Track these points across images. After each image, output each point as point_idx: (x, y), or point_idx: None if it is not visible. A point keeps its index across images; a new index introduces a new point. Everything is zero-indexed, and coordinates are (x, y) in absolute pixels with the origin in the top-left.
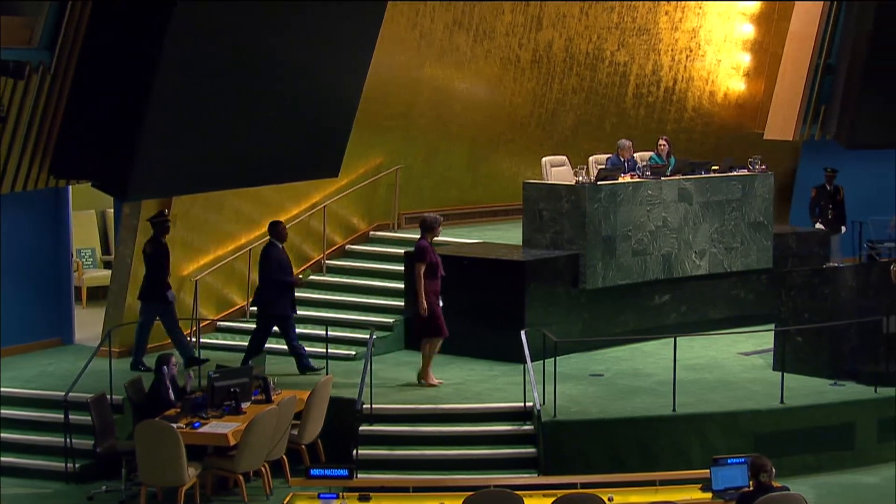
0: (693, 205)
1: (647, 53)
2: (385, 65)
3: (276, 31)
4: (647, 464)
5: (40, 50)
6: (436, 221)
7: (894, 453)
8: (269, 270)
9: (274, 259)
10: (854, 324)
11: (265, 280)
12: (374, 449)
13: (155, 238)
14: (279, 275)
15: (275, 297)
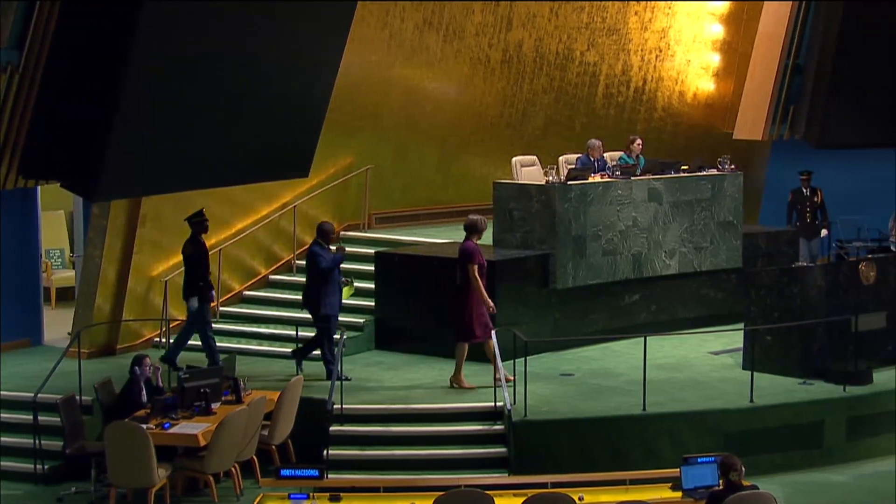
0: (663, 204)
1: (617, 53)
2: (355, 65)
3: (246, 31)
4: (618, 463)
5: (9, 49)
6: (481, 222)
7: (863, 452)
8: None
9: (322, 259)
10: (823, 323)
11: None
12: (345, 449)
13: (194, 237)
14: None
15: (324, 298)
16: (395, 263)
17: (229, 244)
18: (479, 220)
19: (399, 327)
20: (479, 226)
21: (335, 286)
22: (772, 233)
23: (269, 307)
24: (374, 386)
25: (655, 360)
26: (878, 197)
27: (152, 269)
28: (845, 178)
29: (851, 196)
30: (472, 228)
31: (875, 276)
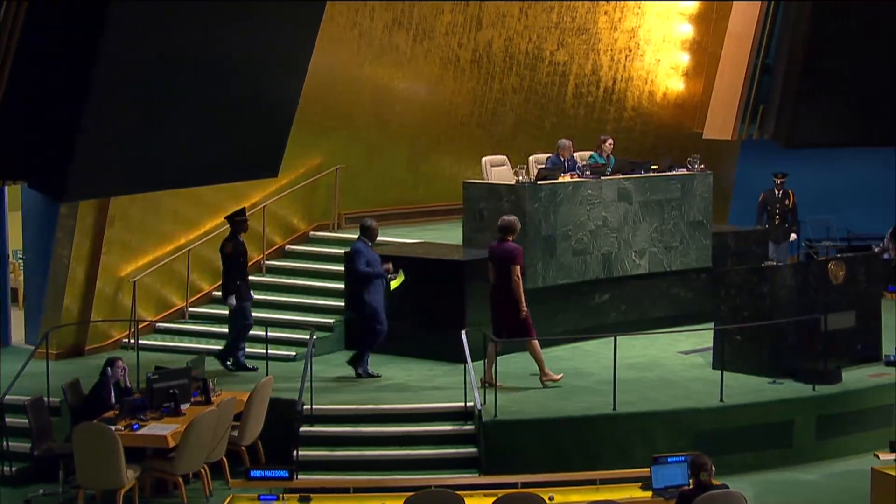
0: (633, 204)
1: (587, 53)
2: (324, 64)
3: (215, 30)
4: (589, 463)
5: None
6: (517, 222)
7: (833, 451)
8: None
9: (364, 257)
10: (793, 322)
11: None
12: (315, 450)
13: (233, 236)
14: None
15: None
16: None
17: (198, 244)
18: (515, 221)
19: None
20: (516, 226)
21: (378, 283)
22: (741, 232)
23: None
24: (344, 386)
25: (626, 360)
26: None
27: (121, 269)
28: (815, 177)
29: (821, 196)
30: (509, 229)
31: (844, 275)
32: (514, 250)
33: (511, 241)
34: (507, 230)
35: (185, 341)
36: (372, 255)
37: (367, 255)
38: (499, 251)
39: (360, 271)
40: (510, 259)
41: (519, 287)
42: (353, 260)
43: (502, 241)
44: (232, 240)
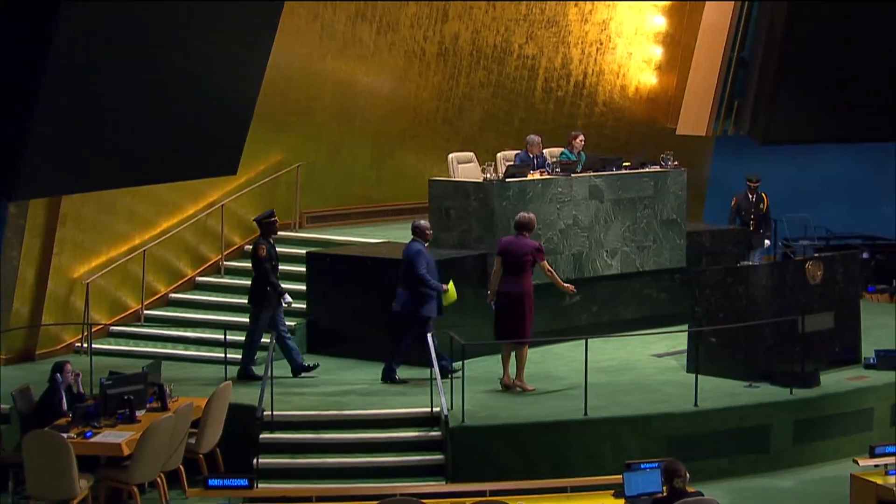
0: (604, 202)
1: (557, 46)
2: (285, 58)
3: (171, 24)
4: (559, 469)
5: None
6: (535, 220)
7: (811, 456)
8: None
9: (425, 259)
10: (769, 324)
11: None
12: (276, 457)
13: (264, 239)
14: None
15: (426, 298)
16: (327, 264)
17: (154, 245)
18: (534, 218)
19: (332, 330)
20: (534, 223)
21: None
22: (716, 231)
23: (196, 310)
24: (305, 391)
25: (597, 363)
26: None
27: (73, 270)
28: (792, 174)
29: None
30: (527, 225)
31: (822, 275)
32: (534, 245)
33: (527, 237)
34: (525, 227)
35: (141, 345)
36: (430, 257)
37: (427, 257)
38: (515, 246)
39: (420, 274)
40: (533, 254)
41: (554, 276)
42: (414, 262)
43: (519, 237)
44: (264, 243)
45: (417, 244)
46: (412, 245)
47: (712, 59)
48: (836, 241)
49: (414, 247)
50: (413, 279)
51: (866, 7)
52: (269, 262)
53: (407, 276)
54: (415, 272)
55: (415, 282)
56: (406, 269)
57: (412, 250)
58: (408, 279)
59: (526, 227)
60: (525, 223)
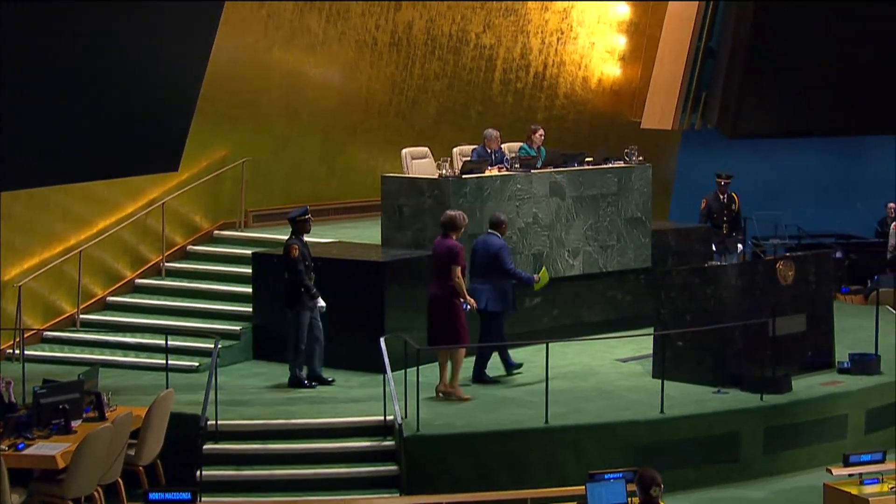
0: (566, 200)
1: (516, 35)
2: (229, 47)
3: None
4: (518, 480)
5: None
6: (461, 218)
7: (782, 465)
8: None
9: (506, 251)
10: (738, 327)
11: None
12: (220, 469)
13: (298, 238)
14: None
15: (501, 292)
16: (274, 265)
17: (90, 245)
18: (458, 216)
19: (279, 335)
20: (459, 222)
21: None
22: (683, 230)
23: (135, 314)
24: (251, 399)
25: (558, 368)
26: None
27: (4, 273)
28: (762, 171)
29: (768, 190)
30: (451, 225)
31: (794, 275)
32: (454, 248)
33: (455, 238)
34: (449, 226)
35: (77, 352)
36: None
37: (509, 249)
38: (438, 248)
39: (510, 269)
40: (451, 258)
41: (461, 288)
42: (501, 257)
43: (444, 238)
44: (298, 242)
45: (496, 238)
46: (492, 239)
47: (678, 49)
48: (808, 239)
49: (495, 241)
50: (500, 274)
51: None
52: (302, 262)
53: (488, 272)
54: (504, 268)
55: (500, 277)
56: (488, 264)
57: (495, 245)
58: (490, 274)
59: (448, 226)
60: (446, 222)
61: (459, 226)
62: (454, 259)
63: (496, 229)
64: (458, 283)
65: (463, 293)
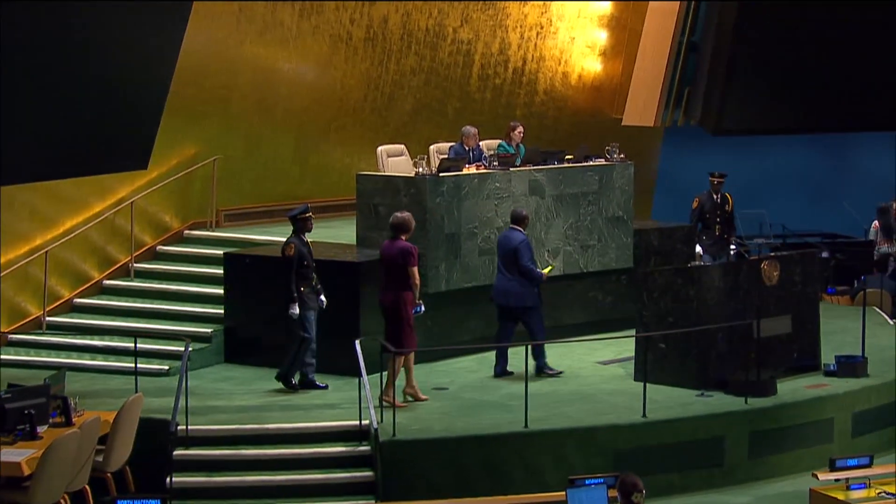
0: (545, 198)
1: (494, 30)
2: (200, 42)
3: (75, 9)
4: (497, 486)
5: None
6: (411, 220)
7: (767, 470)
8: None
9: (528, 247)
10: (722, 328)
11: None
12: (191, 475)
13: (298, 236)
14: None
15: (527, 287)
16: (246, 266)
17: (57, 245)
18: (408, 218)
19: (251, 337)
20: (409, 223)
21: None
22: (665, 229)
23: (103, 317)
24: (223, 404)
25: None
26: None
27: None
28: (746, 168)
29: (752, 188)
30: (401, 227)
31: (779, 275)
32: (409, 250)
33: (405, 239)
34: (400, 228)
35: (43, 355)
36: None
37: (531, 246)
38: (391, 252)
39: (527, 267)
40: (405, 260)
41: (417, 290)
42: (521, 253)
43: (394, 241)
44: (298, 240)
45: (518, 233)
46: (514, 234)
47: (661, 43)
48: (793, 238)
49: (517, 236)
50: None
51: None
52: (298, 261)
53: (512, 267)
54: (520, 263)
55: (520, 272)
56: (511, 260)
57: (515, 240)
58: (515, 270)
59: (398, 228)
60: (398, 224)
61: (410, 227)
62: (409, 260)
63: (518, 224)
64: (417, 284)
65: (417, 295)
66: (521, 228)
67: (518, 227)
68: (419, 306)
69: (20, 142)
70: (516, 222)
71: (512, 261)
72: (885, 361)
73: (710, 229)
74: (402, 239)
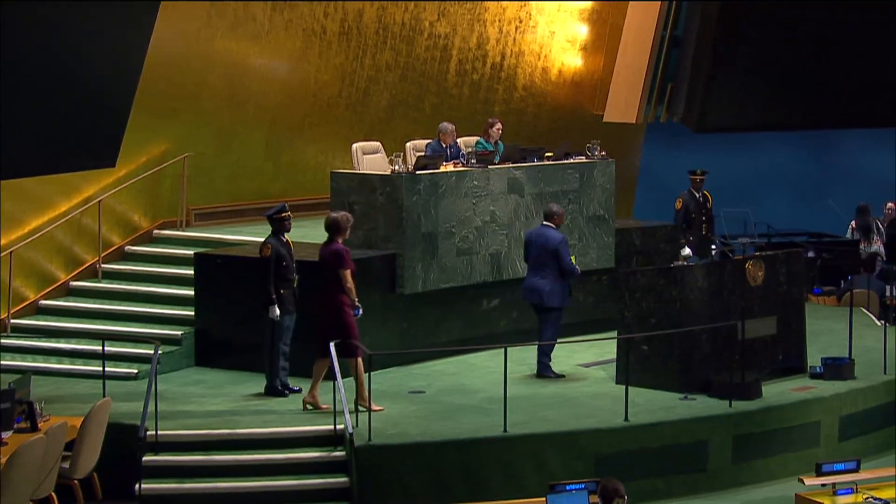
0: (525, 197)
1: (472, 24)
2: (170, 37)
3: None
4: (476, 492)
5: None
6: (344, 219)
7: (752, 475)
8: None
9: (565, 246)
10: (706, 330)
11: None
12: (161, 482)
13: (276, 236)
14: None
15: (560, 287)
16: (217, 266)
17: (21, 246)
18: (342, 218)
19: (223, 340)
20: (342, 224)
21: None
22: (648, 228)
23: (69, 319)
24: (193, 409)
25: (517, 374)
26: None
27: None
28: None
29: (737, 186)
30: (334, 228)
31: (763, 276)
32: (339, 252)
33: (340, 242)
34: (331, 229)
35: (7, 358)
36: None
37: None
38: (324, 254)
39: (570, 267)
40: (336, 263)
41: (352, 293)
42: (562, 253)
43: (329, 243)
44: (276, 241)
45: (554, 230)
46: (549, 232)
47: (642, 38)
48: (778, 238)
49: (554, 235)
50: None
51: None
52: (277, 263)
53: (545, 266)
54: (562, 263)
55: (563, 272)
56: (545, 258)
57: (554, 239)
58: (548, 269)
59: (329, 229)
60: (329, 225)
61: (344, 228)
62: (341, 263)
63: (551, 220)
64: (350, 287)
65: (354, 298)
66: (555, 225)
67: (551, 223)
68: (357, 310)
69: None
70: (549, 218)
71: (546, 259)
72: (872, 363)
73: (697, 229)
74: (337, 241)
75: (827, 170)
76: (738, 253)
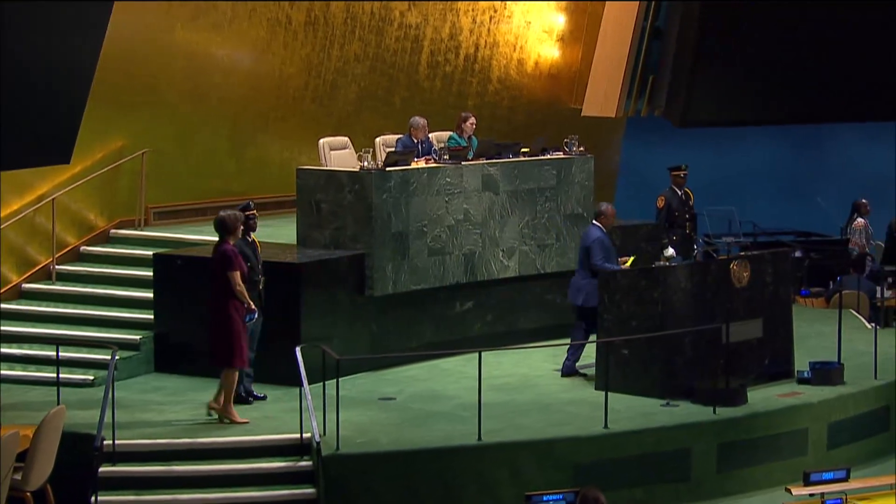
0: (499, 194)
1: (444, 14)
2: (127, 27)
3: None
4: (449, 502)
5: None
6: (231, 218)
7: (737, 485)
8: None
9: (602, 246)
10: (689, 333)
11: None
12: (118, 494)
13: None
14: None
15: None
16: (177, 267)
17: None
18: (230, 217)
19: (183, 345)
20: (231, 223)
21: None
22: (628, 227)
23: (22, 323)
24: (152, 417)
25: (493, 380)
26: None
27: None
28: (713, 162)
29: (720, 184)
30: (222, 227)
31: (749, 276)
32: (227, 253)
33: (231, 242)
34: (221, 229)
35: None
36: (609, 243)
37: (606, 243)
38: (212, 256)
39: (598, 265)
40: (225, 265)
41: (243, 296)
42: (593, 252)
43: (219, 244)
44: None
45: (596, 229)
46: (590, 231)
47: (622, 28)
48: (764, 237)
49: (592, 232)
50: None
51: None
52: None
53: (585, 265)
54: (591, 262)
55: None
56: (583, 257)
57: (589, 237)
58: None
59: (217, 228)
60: (216, 225)
61: (231, 227)
62: (229, 265)
63: (598, 219)
64: (240, 290)
65: (247, 301)
66: (601, 224)
67: (598, 222)
68: (252, 314)
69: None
70: (596, 217)
71: (583, 257)
72: (862, 368)
73: (680, 228)
74: (227, 242)
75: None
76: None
